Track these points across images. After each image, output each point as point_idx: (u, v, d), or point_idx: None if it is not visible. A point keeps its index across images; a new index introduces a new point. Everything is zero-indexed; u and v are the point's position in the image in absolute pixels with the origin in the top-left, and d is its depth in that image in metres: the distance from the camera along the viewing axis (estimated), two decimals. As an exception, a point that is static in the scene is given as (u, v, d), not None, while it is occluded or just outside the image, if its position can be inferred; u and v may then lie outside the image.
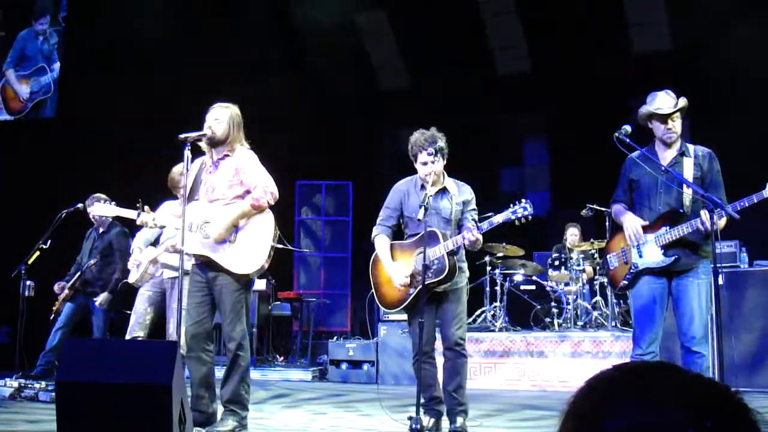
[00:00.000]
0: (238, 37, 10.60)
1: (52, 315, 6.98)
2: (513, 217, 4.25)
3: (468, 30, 10.53)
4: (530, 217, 4.25)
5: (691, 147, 4.18)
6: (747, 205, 3.79)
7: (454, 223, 4.51)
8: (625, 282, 4.15)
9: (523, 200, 4.27)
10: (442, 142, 4.49)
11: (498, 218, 4.31)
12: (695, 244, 4.00)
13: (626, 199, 4.31)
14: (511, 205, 4.28)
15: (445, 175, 4.65)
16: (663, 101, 4.10)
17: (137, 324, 5.25)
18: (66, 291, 6.97)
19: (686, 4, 9.41)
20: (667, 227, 4.00)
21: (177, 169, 5.23)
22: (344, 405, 6.19)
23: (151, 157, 5.35)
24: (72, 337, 6.74)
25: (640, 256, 4.07)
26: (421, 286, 4.42)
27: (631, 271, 4.11)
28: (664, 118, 4.09)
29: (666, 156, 4.15)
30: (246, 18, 10.78)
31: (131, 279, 5.37)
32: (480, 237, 4.36)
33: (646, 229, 4.07)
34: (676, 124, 4.12)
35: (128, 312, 6.58)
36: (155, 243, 5.50)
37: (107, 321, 6.96)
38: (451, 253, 4.41)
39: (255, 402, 5.37)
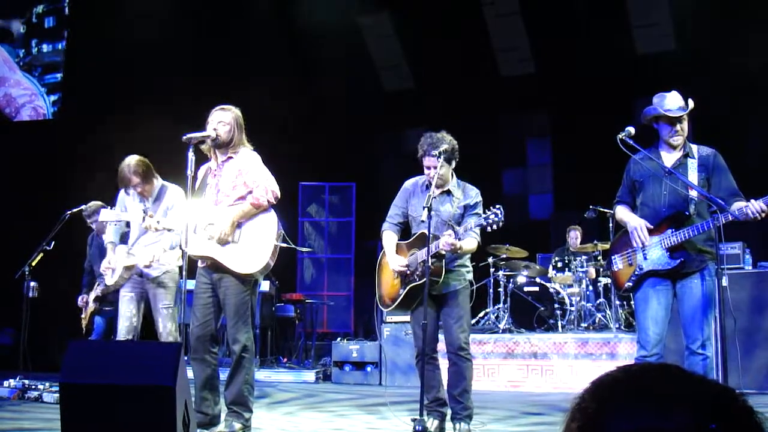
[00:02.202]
0: (240, 38, 10.62)
1: (84, 330, 6.89)
2: (485, 223, 4.22)
3: (471, 31, 10.53)
4: (501, 223, 4.20)
5: (694, 147, 4.15)
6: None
7: (449, 226, 4.49)
8: (630, 284, 4.13)
9: (497, 206, 4.23)
10: (447, 146, 4.45)
11: (470, 224, 4.29)
12: (700, 247, 3.98)
13: (630, 200, 4.29)
14: (485, 212, 4.26)
15: (454, 177, 4.65)
16: (672, 102, 4.08)
17: (125, 328, 5.20)
18: (91, 305, 6.85)
19: (690, 4, 9.40)
20: (672, 229, 3.99)
21: (124, 166, 5.12)
22: (348, 406, 6.19)
23: (152, 159, 5.33)
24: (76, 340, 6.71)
25: (645, 258, 4.06)
26: (409, 287, 4.49)
27: (636, 273, 4.09)
28: (672, 120, 4.06)
29: (670, 157, 4.13)
30: (249, 19, 10.80)
31: (108, 282, 5.31)
32: (458, 243, 4.28)
33: (651, 232, 4.05)
34: (684, 127, 4.09)
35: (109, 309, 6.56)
36: (125, 237, 5.42)
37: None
38: (438, 257, 4.38)
39: (258, 403, 5.37)
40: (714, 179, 4.04)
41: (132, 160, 5.15)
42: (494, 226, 4.19)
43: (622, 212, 4.27)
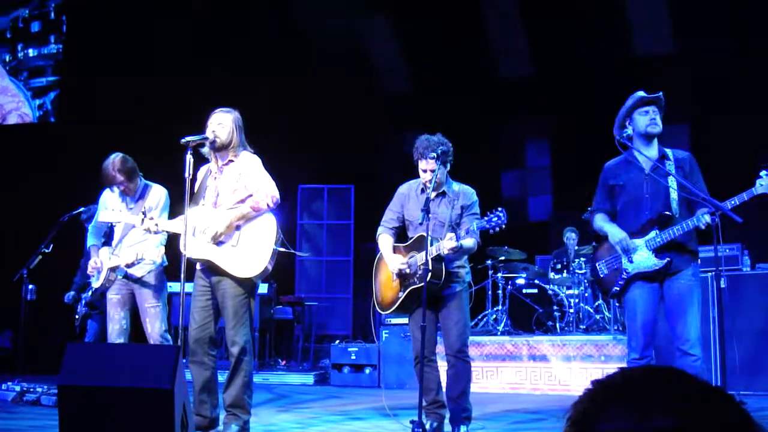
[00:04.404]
0: (239, 40, 10.62)
1: (78, 331, 6.83)
2: (488, 226, 4.22)
3: (471, 33, 10.54)
4: (504, 226, 4.21)
5: (670, 151, 4.16)
6: (738, 203, 3.78)
7: (447, 228, 4.47)
8: (617, 288, 4.11)
9: (499, 209, 4.24)
10: (444, 149, 4.46)
11: (473, 226, 4.30)
12: (685, 246, 3.99)
13: (608, 207, 4.24)
14: (488, 214, 4.25)
15: (449, 178, 4.65)
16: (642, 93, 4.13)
17: (115, 331, 5.15)
18: (82, 309, 6.75)
19: (689, 6, 9.41)
20: (657, 230, 3.99)
21: (108, 164, 5.10)
22: (346, 409, 6.18)
23: (151, 161, 5.34)
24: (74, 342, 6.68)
25: (631, 262, 4.04)
26: (409, 290, 4.48)
27: (623, 277, 4.07)
28: (648, 103, 4.07)
29: (648, 160, 4.12)
30: (248, 21, 10.81)
31: (94, 284, 5.26)
32: (459, 244, 4.27)
33: (634, 234, 4.05)
34: (658, 118, 4.10)
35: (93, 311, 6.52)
36: (109, 238, 5.39)
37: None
38: (437, 259, 4.38)
39: (257, 406, 5.36)
40: (689, 181, 4.05)
41: (116, 158, 5.11)
42: (497, 229, 4.19)
43: (601, 222, 4.24)
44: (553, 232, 10.22)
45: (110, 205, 5.18)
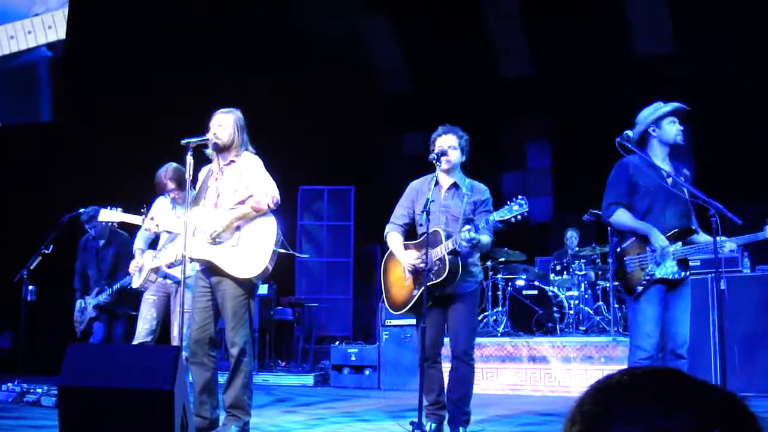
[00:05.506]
0: (240, 40, 10.62)
1: (81, 335, 6.80)
2: (509, 215, 4.15)
3: (471, 33, 10.55)
4: (526, 214, 4.15)
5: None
6: (749, 242, 3.87)
7: (461, 222, 4.41)
8: (641, 288, 4.07)
9: (519, 196, 4.17)
10: (465, 136, 4.58)
11: (494, 216, 4.21)
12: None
13: (628, 202, 4.17)
14: (507, 203, 4.18)
15: (462, 174, 4.63)
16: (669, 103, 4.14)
17: (144, 330, 5.25)
18: (90, 311, 6.71)
19: (689, 6, 9.42)
20: (681, 243, 4.01)
21: (161, 172, 5.34)
22: (347, 410, 6.18)
23: (151, 161, 5.37)
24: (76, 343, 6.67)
25: (657, 266, 4.03)
26: (424, 287, 4.42)
27: (646, 278, 4.05)
28: (682, 116, 4.10)
29: (666, 166, 4.13)
30: (248, 21, 10.81)
31: (134, 284, 5.38)
32: (477, 237, 4.19)
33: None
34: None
35: (134, 313, 6.52)
36: (155, 243, 5.50)
37: (127, 327, 6.68)
38: (453, 254, 4.30)
39: (257, 407, 5.35)
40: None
41: (169, 167, 5.34)
42: (519, 218, 4.13)
43: (631, 220, 4.13)
44: (554, 233, 10.23)
45: (159, 212, 5.31)
